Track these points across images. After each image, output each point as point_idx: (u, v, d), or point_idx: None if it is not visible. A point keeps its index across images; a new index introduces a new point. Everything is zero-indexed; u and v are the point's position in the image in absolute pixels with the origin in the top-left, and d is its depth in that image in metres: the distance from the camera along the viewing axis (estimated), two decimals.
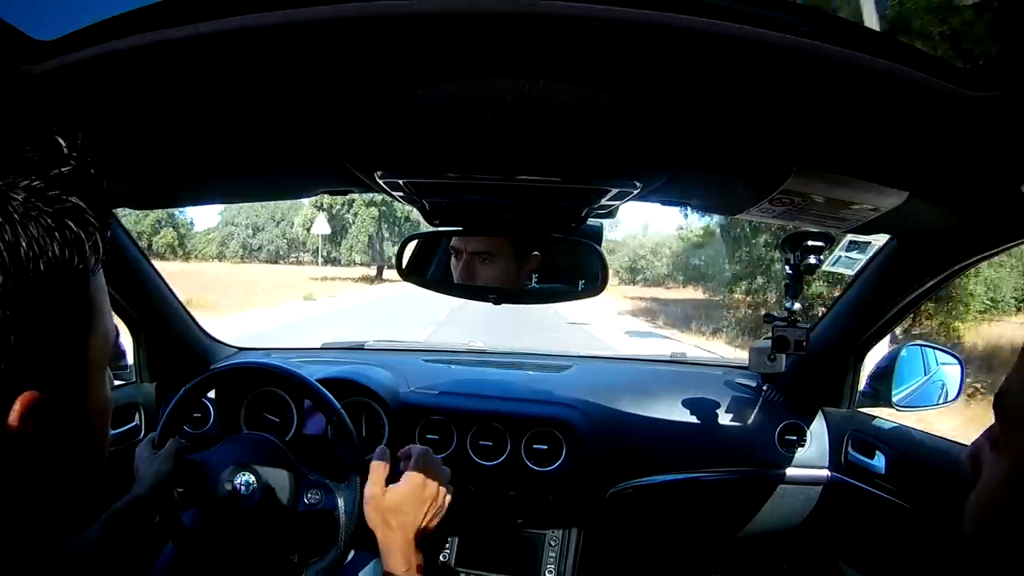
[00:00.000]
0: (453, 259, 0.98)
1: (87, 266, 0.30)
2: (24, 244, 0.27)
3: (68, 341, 0.31)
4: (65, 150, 0.29)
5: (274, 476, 0.91)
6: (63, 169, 0.29)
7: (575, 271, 0.94)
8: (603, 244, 0.95)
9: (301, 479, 0.92)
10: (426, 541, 0.80)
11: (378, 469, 0.82)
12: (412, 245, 0.98)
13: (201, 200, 1.15)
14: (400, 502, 0.78)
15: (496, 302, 0.94)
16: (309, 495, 0.92)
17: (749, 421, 1.28)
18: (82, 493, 0.35)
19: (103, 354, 0.34)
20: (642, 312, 16.57)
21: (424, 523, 0.78)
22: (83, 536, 0.79)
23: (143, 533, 0.84)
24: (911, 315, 1.13)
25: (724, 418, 1.29)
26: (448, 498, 0.83)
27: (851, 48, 0.42)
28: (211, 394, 1.29)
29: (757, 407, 1.29)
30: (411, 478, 0.80)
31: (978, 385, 5.53)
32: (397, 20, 0.40)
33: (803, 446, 1.25)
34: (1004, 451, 0.39)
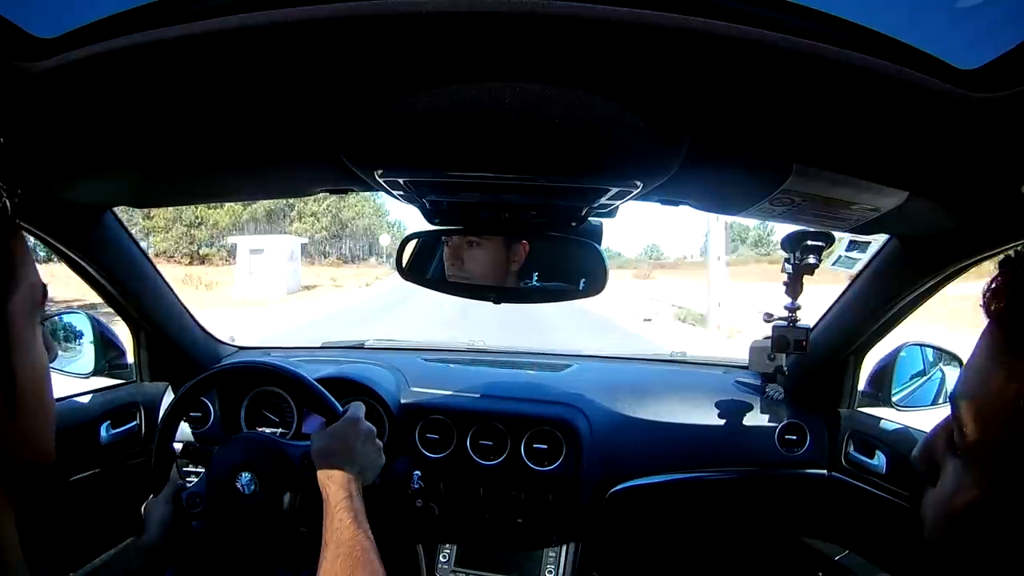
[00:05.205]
0: (446, 249, 0.97)
1: None
2: None
3: None
4: None
5: (275, 475, 0.91)
6: None
7: (575, 270, 0.94)
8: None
9: (302, 478, 0.92)
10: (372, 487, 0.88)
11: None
12: (411, 244, 0.98)
13: (201, 199, 1.15)
14: (333, 437, 0.88)
15: (496, 301, 0.94)
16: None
17: (749, 421, 1.28)
18: (29, 472, 0.34)
19: (21, 319, 0.33)
20: None
21: (360, 458, 0.86)
22: None
23: None
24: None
25: (724, 418, 1.29)
26: (378, 443, 0.92)
27: (852, 49, 0.42)
28: (212, 393, 1.30)
29: (757, 406, 1.29)
30: (344, 421, 0.91)
31: None
32: (399, 20, 0.40)
33: (803, 446, 1.25)
34: (971, 462, 0.35)
